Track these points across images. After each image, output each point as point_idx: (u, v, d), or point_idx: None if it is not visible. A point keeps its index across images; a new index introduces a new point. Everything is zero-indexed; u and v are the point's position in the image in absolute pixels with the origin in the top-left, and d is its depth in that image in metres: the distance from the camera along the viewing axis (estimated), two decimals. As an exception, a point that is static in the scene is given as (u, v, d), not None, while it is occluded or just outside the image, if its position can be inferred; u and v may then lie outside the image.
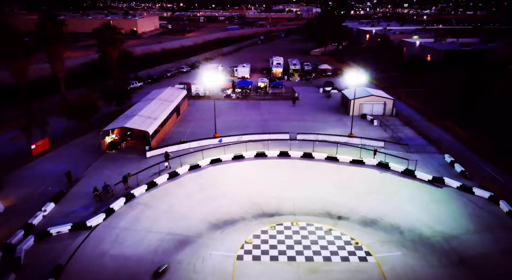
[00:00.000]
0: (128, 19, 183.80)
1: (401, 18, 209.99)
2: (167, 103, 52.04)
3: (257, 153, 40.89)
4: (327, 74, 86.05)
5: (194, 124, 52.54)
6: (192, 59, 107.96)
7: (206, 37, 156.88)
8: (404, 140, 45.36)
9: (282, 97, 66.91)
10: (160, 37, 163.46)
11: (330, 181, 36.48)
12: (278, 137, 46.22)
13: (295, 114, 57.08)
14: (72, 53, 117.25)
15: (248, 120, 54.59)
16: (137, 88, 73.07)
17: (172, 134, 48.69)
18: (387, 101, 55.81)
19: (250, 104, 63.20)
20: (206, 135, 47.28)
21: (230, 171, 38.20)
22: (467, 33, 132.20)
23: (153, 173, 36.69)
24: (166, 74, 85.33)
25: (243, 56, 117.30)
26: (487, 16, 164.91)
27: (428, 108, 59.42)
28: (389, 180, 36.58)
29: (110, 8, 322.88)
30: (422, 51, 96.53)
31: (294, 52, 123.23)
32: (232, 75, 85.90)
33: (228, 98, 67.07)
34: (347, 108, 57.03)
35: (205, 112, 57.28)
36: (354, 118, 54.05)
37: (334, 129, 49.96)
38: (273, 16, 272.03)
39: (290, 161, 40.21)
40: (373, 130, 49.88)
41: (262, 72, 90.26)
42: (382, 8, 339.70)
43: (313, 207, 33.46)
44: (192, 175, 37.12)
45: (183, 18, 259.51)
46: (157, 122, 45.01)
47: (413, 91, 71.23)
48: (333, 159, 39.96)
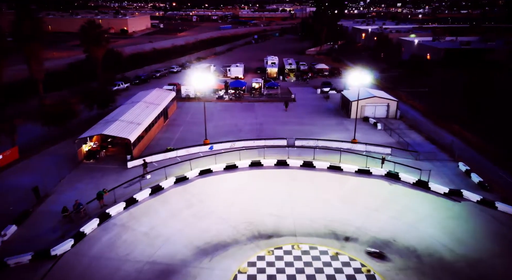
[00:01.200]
0: (119, 18, 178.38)
1: (396, 17, 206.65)
2: (153, 106, 47.41)
3: (252, 162, 36.47)
4: (324, 74, 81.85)
5: (183, 129, 47.96)
6: (183, 59, 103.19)
7: (198, 37, 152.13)
8: (412, 146, 41.17)
9: (277, 99, 62.53)
10: (151, 36, 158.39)
11: (334, 195, 32.16)
12: (274, 143, 41.88)
13: (292, 117, 52.74)
14: (59, 53, 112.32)
15: (241, 124, 50.16)
16: (123, 89, 68.26)
17: (158, 141, 44.09)
18: (390, 102, 51.67)
19: (244, 106, 58.76)
20: (196, 142, 42.80)
21: (221, 184, 33.73)
22: (465, 32, 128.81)
23: (136, 184, 32.13)
24: (155, 74, 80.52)
25: (237, 56, 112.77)
26: (482, 14, 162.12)
27: (432, 110, 55.42)
28: (401, 193, 32.36)
29: (101, 7, 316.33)
30: (421, 50, 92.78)
31: (289, 52, 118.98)
32: (225, 75, 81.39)
33: (220, 100, 62.56)
34: (347, 110, 52.81)
35: (195, 116, 52.72)
36: (353, 121, 49.88)
37: (334, 134, 45.72)
38: (266, 16, 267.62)
39: (288, 171, 35.83)
40: (377, 134, 45.68)
41: (256, 72, 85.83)
42: (375, 7, 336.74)
43: (316, 226, 29.09)
44: (178, 189, 32.58)
45: (175, 17, 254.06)
46: (140, 128, 40.37)
47: (414, 91, 67.26)
48: (337, 168, 35.66)
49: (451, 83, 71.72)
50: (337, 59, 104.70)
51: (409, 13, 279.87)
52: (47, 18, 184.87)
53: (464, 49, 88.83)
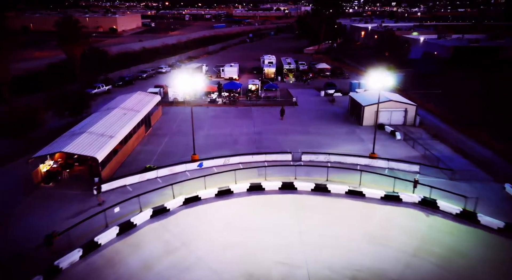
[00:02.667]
0: (108, 17, 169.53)
1: (393, 15, 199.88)
2: (132, 113, 39.46)
3: (251, 186, 28.73)
4: (326, 74, 74.30)
5: (168, 140, 40.09)
6: (174, 59, 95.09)
7: (190, 35, 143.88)
8: (442, 161, 33.64)
9: (277, 103, 54.82)
10: (141, 35, 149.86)
11: (358, 231, 24.56)
12: (277, 159, 34.25)
13: (295, 125, 45.11)
14: (42, 52, 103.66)
15: (237, 133, 42.43)
16: (103, 92, 60.11)
17: (137, 155, 36.18)
18: (408, 107, 44.23)
19: (240, 112, 51.01)
20: (182, 157, 35.04)
21: (212, 217, 25.98)
22: (467, 29, 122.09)
23: (105, 216, 24.29)
24: (141, 75, 72.34)
25: (231, 55, 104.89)
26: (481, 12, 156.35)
27: (451, 114, 48.10)
28: (443, 229, 24.85)
29: (92, 6, 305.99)
30: (428, 48, 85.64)
31: (286, 51, 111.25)
32: (218, 76, 73.56)
33: (212, 104, 54.73)
34: (358, 116, 45.31)
35: (183, 123, 44.85)
36: (368, 129, 42.42)
37: (347, 145, 38.20)
38: (261, 15, 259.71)
39: (297, 197, 28.15)
40: (397, 146, 38.19)
41: (252, 72, 78.09)
42: (370, 6, 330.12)
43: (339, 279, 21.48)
44: (155, 226, 24.78)
45: (167, 16, 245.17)
46: (113, 141, 32.44)
47: (427, 93, 59.94)
48: (357, 194, 28.08)
49: (463, 83, 64.65)
50: (337, 58, 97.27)
51: (405, 11, 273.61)
52: (33, 17, 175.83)
53: (473, 46, 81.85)
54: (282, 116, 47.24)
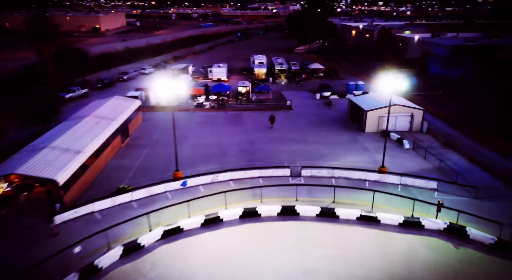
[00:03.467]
0: (90, 16, 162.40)
1: (382, 14, 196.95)
2: (106, 122, 34.21)
3: (245, 211, 23.85)
4: (319, 75, 69.81)
5: (148, 153, 34.94)
6: (159, 59, 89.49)
7: (177, 35, 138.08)
8: (462, 175, 29.26)
9: (270, 106, 50.08)
10: (126, 35, 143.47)
11: (376, 270, 19.93)
12: (273, 173, 29.48)
13: (291, 132, 40.40)
14: (20, 53, 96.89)
15: (227, 142, 37.52)
16: (79, 96, 54.47)
17: (110, 172, 30.97)
18: (415, 112, 39.91)
19: (229, 117, 46.08)
20: (163, 173, 30.04)
21: (197, 255, 21.02)
22: (459, 28, 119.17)
23: (66, 255, 19.16)
24: (122, 77, 66.69)
25: (219, 55, 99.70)
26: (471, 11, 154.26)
27: (457, 118, 44.07)
28: (476, 263, 20.41)
29: (76, 6, 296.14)
30: (425, 47, 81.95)
31: (276, 50, 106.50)
32: (206, 77, 68.42)
33: (199, 108, 49.66)
34: (360, 121, 40.83)
35: (166, 131, 39.69)
36: (372, 137, 38.01)
37: (350, 156, 33.67)
38: (249, 14, 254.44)
39: (300, 225, 23.38)
40: (406, 156, 33.77)
41: (242, 73, 73.10)
42: (358, 6, 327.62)
43: None
44: (126, 269, 19.72)
45: (153, 15, 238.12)
46: (80, 158, 27.21)
47: (427, 95, 55.91)
48: (371, 219, 23.47)
49: (464, 83, 60.89)
50: (329, 58, 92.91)
51: (392, 11, 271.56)
52: (12, 16, 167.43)
53: (473, 45, 78.37)
54: (273, 123, 41.84)
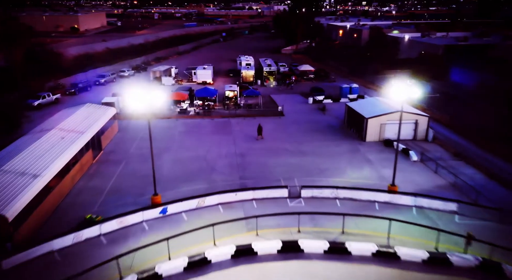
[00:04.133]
0: (69, 15, 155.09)
1: (367, 14, 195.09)
2: (74, 135, 29.38)
3: (238, 250, 19.49)
4: (309, 77, 65.95)
5: (123, 169, 30.25)
6: (140, 60, 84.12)
7: (159, 35, 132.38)
8: (483, 194, 25.62)
9: (260, 112, 45.90)
10: (106, 35, 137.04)
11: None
12: (269, 194, 25.29)
13: (285, 142, 36.27)
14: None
15: (214, 155, 33.12)
16: (50, 103, 49.12)
17: (77, 196, 26.20)
18: (419, 119, 36.29)
19: (216, 125, 41.65)
20: (140, 196, 25.53)
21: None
22: (446, 27, 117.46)
23: None
24: (99, 80, 61.30)
25: (203, 56, 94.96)
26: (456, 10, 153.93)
27: (461, 123, 40.77)
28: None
29: (56, 5, 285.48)
30: (415, 47, 79.14)
31: (262, 50, 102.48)
32: (190, 80, 63.76)
33: (183, 115, 45.06)
34: (360, 129, 37.00)
35: (144, 143, 34.80)
36: (374, 146, 34.28)
37: (353, 170, 29.78)
38: (233, 13, 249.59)
39: (305, 265, 19.15)
40: (415, 170, 30.03)
41: (228, 75, 68.72)
42: (342, 5, 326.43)
43: None
44: None
45: (135, 15, 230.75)
46: (37, 184, 22.35)
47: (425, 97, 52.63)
48: (389, 255, 19.50)
49: (460, 84, 57.99)
50: (318, 58, 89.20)
51: (376, 10, 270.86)
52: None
53: (465, 45, 75.97)
54: (260, 134, 37.09)
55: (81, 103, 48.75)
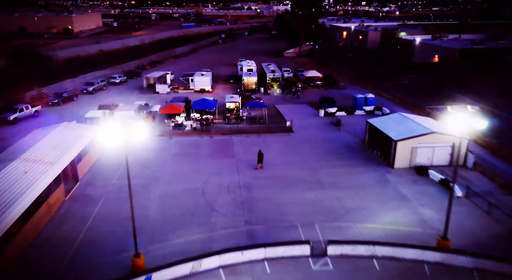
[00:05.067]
0: (62, 16, 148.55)
1: (368, 14, 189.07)
2: (40, 168, 23.34)
3: None
4: (317, 84, 59.97)
5: (101, 211, 24.16)
6: (134, 64, 77.90)
7: (156, 36, 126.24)
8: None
9: (266, 128, 39.95)
10: (101, 36, 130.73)
11: None
12: (285, 253, 19.35)
13: (298, 167, 30.29)
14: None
15: (214, 186, 27.16)
16: (28, 116, 43.04)
17: (40, 251, 20.17)
18: (458, 141, 30.38)
19: (216, 145, 35.63)
20: (118, 254, 19.53)
21: None
22: (455, 29, 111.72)
23: None
24: (87, 88, 55.11)
25: (202, 59, 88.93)
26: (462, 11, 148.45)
27: (500, 144, 34.85)
28: None
29: (52, 5, 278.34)
30: (429, 51, 73.31)
31: (263, 53, 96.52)
32: (187, 87, 57.77)
33: (178, 132, 39.05)
34: (386, 153, 31.06)
35: (131, 171, 29.02)
36: (405, 175, 28.39)
37: (386, 210, 23.86)
38: (232, 14, 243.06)
39: None
40: (462, 211, 23.90)
41: (228, 81, 62.83)
42: (341, 6, 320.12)
43: None
44: None
45: (132, 15, 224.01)
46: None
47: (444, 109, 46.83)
48: None
49: (486, 93, 52.13)
50: (322, 62, 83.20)
51: (376, 11, 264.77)
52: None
53: (483, 49, 70.14)
54: (261, 162, 30.09)
55: (65, 115, 43.13)
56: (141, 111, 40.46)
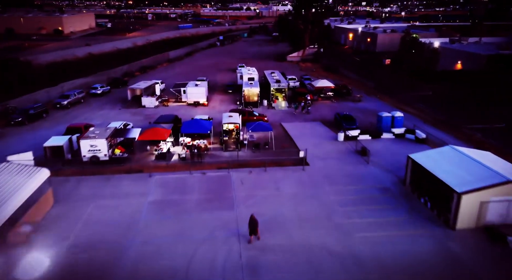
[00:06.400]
0: (52, 16, 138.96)
1: (371, 15, 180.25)
2: None
3: None
4: (328, 96, 51.21)
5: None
6: (121, 70, 68.85)
7: (150, 38, 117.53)
8: None
9: (274, 159, 31.09)
10: (93, 37, 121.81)
11: None
12: None
13: (321, 226, 21.45)
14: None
15: (203, 268, 18.25)
16: (-25, 143, 34.10)
17: None
18: (541, 191, 21.66)
19: (209, 186, 26.73)
20: None
21: None
22: (468, 30, 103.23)
23: None
24: (61, 102, 46.06)
25: (198, 64, 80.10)
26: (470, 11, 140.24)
27: None
28: None
29: (48, 5, 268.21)
30: (447, 56, 64.65)
31: (264, 57, 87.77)
32: (178, 100, 48.99)
33: (161, 164, 30.20)
34: (439, 204, 22.32)
35: (97, 224, 20.21)
36: (473, 242, 19.57)
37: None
38: (231, 14, 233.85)
39: None
40: None
41: (226, 91, 54.10)
42: (341, 6, 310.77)
43: None
44: None
45: (127, 15, 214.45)
46: None
47: (487, 128, 38.31)
48: None
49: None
50: (329, 67, 74.48)
51: (377, 11, 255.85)
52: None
53: (509, 55, 61.54)
54: (255, 233, 20.07)
55: (27, 140, 34.36)
56: (114, 138, 31.48)
